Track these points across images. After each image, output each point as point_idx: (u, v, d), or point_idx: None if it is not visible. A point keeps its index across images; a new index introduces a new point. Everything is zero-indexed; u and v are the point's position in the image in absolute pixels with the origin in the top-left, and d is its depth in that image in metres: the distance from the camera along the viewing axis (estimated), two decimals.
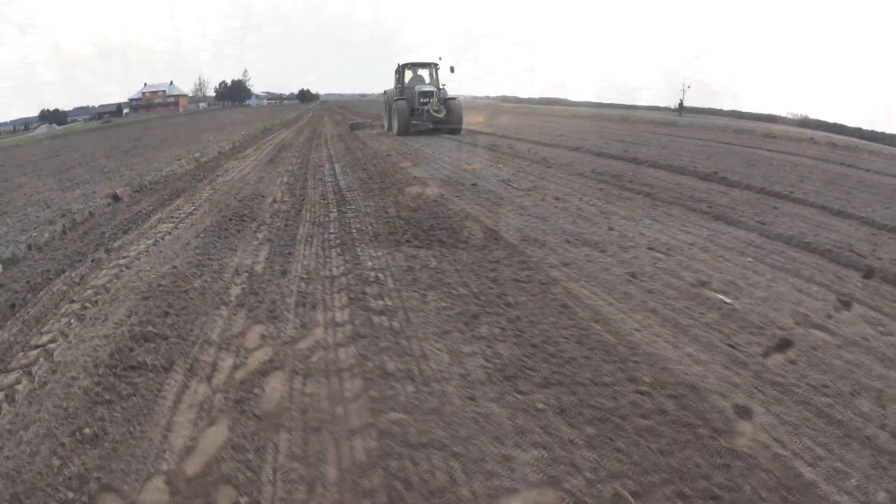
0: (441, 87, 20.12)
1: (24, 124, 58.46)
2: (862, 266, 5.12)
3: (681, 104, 57.82)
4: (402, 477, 2.11)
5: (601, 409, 2.57)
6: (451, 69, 20.80)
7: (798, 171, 11.65)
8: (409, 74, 21.07)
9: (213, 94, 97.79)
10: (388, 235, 5.51)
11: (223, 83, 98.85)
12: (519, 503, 2.00)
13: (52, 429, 2.51)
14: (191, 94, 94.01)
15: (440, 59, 21.15)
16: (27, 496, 2.12)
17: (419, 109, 19.71)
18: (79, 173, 13.01)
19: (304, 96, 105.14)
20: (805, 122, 59.55)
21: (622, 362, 3.06)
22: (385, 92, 22.58)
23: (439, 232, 5.59)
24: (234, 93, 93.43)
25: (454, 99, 20.47)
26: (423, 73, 21.28)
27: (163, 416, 2.57)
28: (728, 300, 4.08)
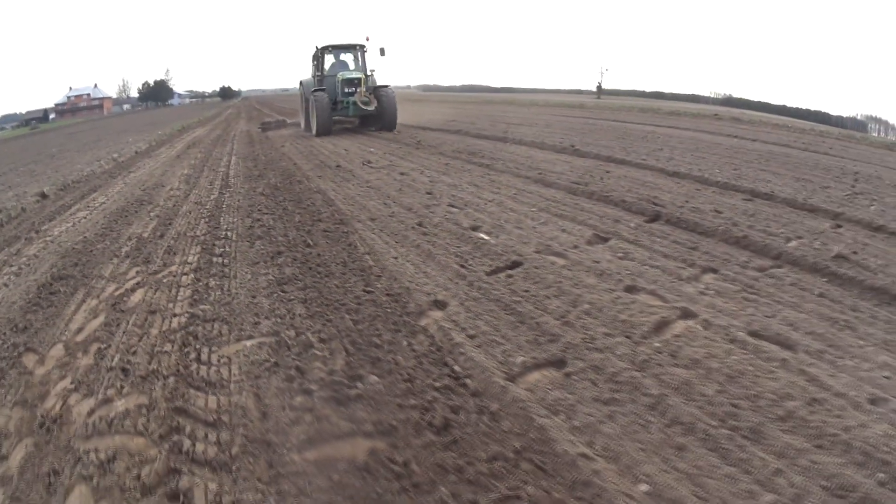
0: (369, 73, 16.48)
1: None
2: (651, 212, 5.91)
3: (599, 87, 60.22)
4: (198, 331, 3.73)
5: (331, 300, 3.93)
6: (382, 51, 17.27)
7: (668, 142, 12.34)
8: (329, 60, 17.50)
9: (137, 94, 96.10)
10: (247, 208, 7.05)
11: (146, 83, 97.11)
12: (249, 344, 3.54)
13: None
14: (115, 97, 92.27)
15: (367, 39, 17.89)
16: None
17: (343, 102, 16.23)
18: (10, 178, 13.98)
19: (226, 93, 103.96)
20: (729, 101, 61.73)
21: (367, 277, 4.27)
22: (301, 83, 18.46)
23: (288, 203, 7.13)
24: (157, 93, 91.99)
25: (386, 87, 16.67)
26: (347, 57, 17.86)
27: (67, 316, 4.12)
28: (487, 238, 5.11)
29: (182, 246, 5.58)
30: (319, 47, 17.21)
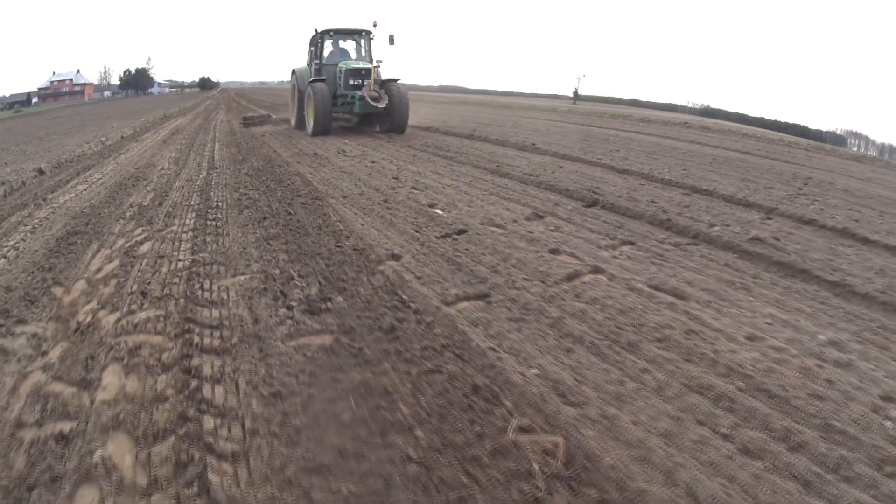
0: (376, 64, 14.01)
1: None
2: (590, 199, 6.55)
3: (575, 92, 59.42)
4: (200, 270, 4.47)
5: (308, 251, 4.71)
6: (391, 39, 14.41)
7: (628, 145, 12.90)
8: (329, 47, 15.05)
9: (118, 82, 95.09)
10: (234, 185, 7.74)
11: (127, 71, 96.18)
12: (242, 278, 4.34)
13: (26, 268, 4.72)
14: (96, 83, 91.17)
15: (375, 24, 14.76)
16: (18, 289, 4.34)
17: (347, 96, 13.85)
18: (3, 156, 14.35)
19: (205, 84, 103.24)
20: (707, 112, 62.43)
21: (338, 237, 5.12)
22: (294, 72, 15.54)
23: (270, 182, 7.83)
24: (138, 81, 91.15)
25: (395, 81, 14.13)
26: (348, 45, 15.49)
27: (85, 260, 4.79)
28: (441, 212, 5.84)
29: (179, 212, 6.25)
30: (319, 31, 14.59)
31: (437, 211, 6.02)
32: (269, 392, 2.69)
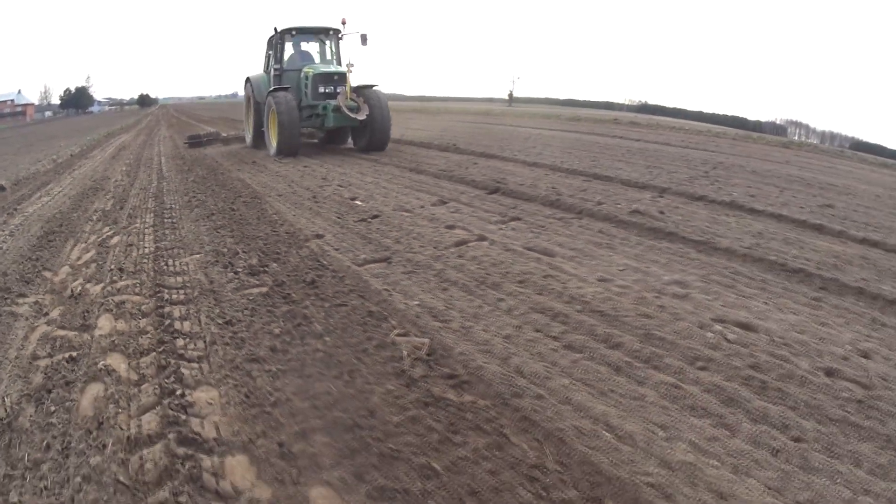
0: (348, 68, 11.53)
1: None
2: (493, 188, 7.51)
3: (510, 95, 60.33)
4: (164, 253, 5.46)
5: (249, 235, 5.66)
6: (363, 39, 11.95)
7: (549, 142, 13.53)
8: (290, 49, 12.70)
9: (59, 101, 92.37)
10: (183, 190, 8.60)
11: (67, 90, 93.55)
12: (198, 256, 5.38)
13: (16, 260, 5.55)
14: (37, 103, 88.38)
15: (344, 22, 12.35)
16: (13, 274, 5.23)
17: (315, 107, 11.70)
18: None
19: (144, 101, 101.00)
20: (644, 108, 61.68)
21: (274, 224, 6.09)
22: (248, 80, 13.18)
23: (215, 187, 8.75)
24: (78, 100, 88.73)
25: (373, 88, 11.78)
26: (310, 47, 13.05)
27: (66, 252, 5.66)
28: (361, 203, 6.84)
29: (139, 214, 7.13)
30: (279, 30, 12.30)
31: (357, 202, 7.05)
32: (223, 321, 3.74)
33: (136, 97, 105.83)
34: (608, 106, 62.87)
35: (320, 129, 12.24)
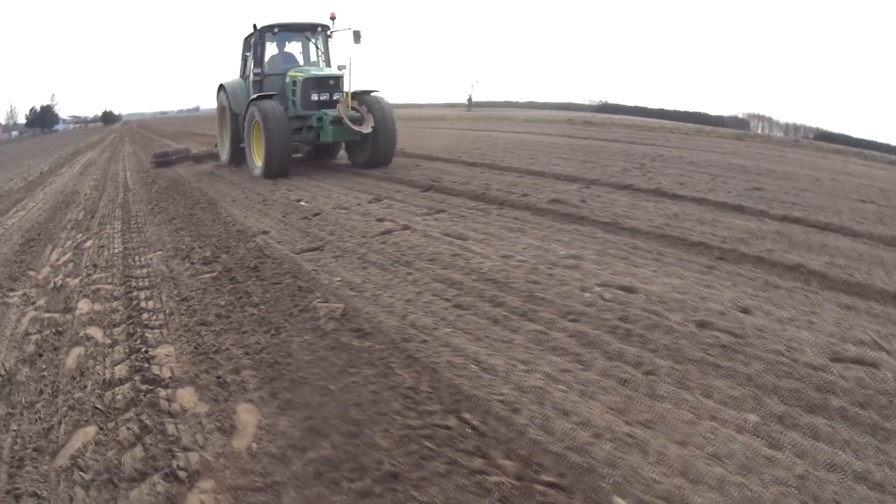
0: (341, 70, 10.03)
1: None
2: (427, 186, 8.22)
3: (469, 99, 58.91)
4: (131, 252, 6.30)
5: (205, 234, 6.48)
6: (356, 36, 10.21)
7: (495, 143, 14.08)
8: (272, 49, 10.83)
9: (24, 120, 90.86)
10: (147, 200, 9.34)
11: (33, 109, 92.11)
12: (160, 252, 6.23)
13: (2, 263, 6.36)
14: (4, 122, 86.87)
15: (333, 17, 10.64)
16: (1, 273, 6.02)
17: (308, 118, 9.99)
18: None
19: (108, 118, 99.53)
20: (604, 108, 59.01)
21: (226, 225, 6.86)
22: (222, 87, 11.43)
23: (176, 195, 9.47)
24: (44, 118, 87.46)
25: (373, 94, 10.27)
26: (293, 48, 11.16)
27: (46, 255, 6.43)
28: (305, 204, 7.53)
29: (108, 222, 7.90)
30: (259, 28, 10.30)
31: (302, 203, 7.93)
32: (180, 299, 4.61)
33: (99, 114, 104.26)
34: (568, 107, 62.57)
35: (313, 143, 10.66)
